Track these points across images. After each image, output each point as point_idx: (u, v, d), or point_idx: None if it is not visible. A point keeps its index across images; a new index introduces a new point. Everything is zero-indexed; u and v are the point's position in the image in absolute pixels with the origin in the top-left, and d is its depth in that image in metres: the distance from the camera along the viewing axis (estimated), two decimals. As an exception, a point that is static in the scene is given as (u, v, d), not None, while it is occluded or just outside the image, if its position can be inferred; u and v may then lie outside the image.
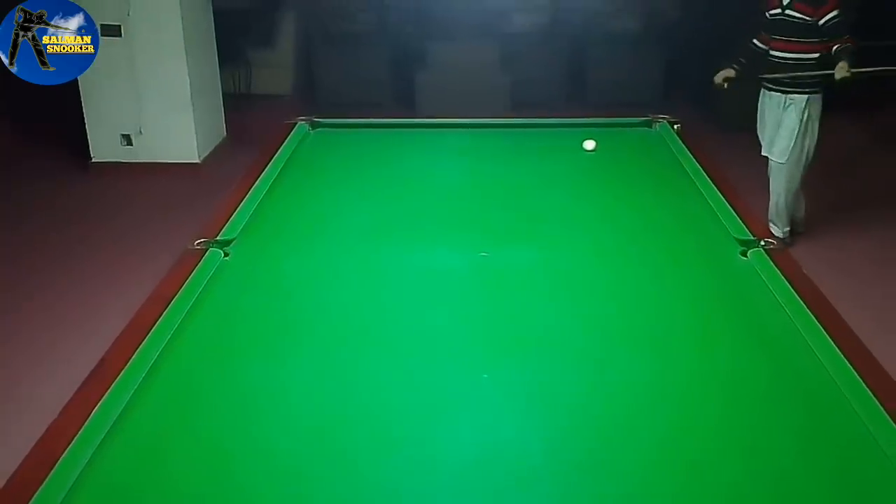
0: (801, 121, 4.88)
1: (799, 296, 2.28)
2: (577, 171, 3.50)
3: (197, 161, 6.76)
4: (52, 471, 1.62)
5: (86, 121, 6.61)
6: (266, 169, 3.35)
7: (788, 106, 4.91)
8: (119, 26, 6.33)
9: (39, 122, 7.55)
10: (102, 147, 6.70)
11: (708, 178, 3.22)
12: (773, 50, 4.94)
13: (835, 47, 4.69)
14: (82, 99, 6.52)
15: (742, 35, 7.73)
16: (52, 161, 6.94)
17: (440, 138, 4.00)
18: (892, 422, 1.75)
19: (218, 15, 7.09)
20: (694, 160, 3.44)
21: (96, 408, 1.81)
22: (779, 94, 4.94)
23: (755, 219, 2.85)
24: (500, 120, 4.35)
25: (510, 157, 3.68)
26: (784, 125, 4.92)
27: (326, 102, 7.93)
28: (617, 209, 3.10)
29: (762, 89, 5.07)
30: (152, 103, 6.57)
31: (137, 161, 6.68)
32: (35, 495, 1.55)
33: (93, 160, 6.71)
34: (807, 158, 4.99)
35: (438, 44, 7.93)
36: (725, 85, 5.09)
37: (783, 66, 4.88)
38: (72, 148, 6.78)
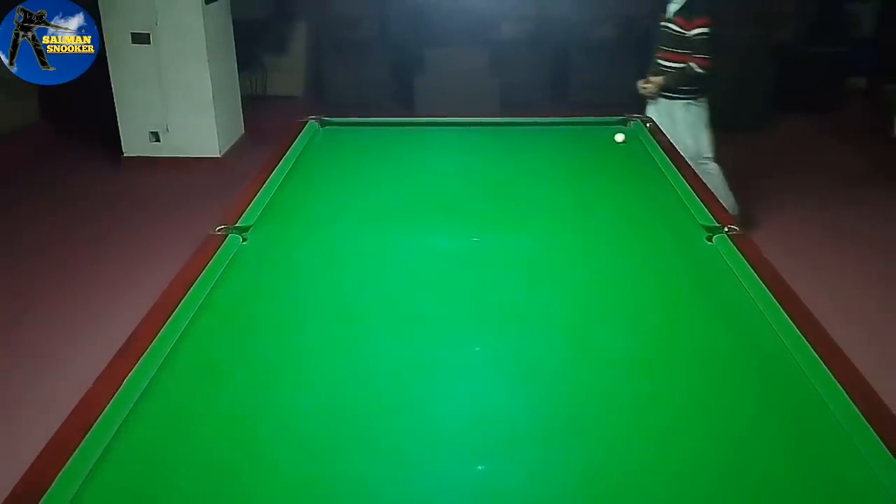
0: (689, 123, 4.83)
1: (758, 276, 2.27)
2: (559, 164, 3.49)
3: (218, 156, 6.76)
4: (87, 435, 1.61)
5: (118, 119, 6.62)
6: (280, 163, 3.33)
7: (675, 111, 4.86)
8: (148, 34, 6.35)
9: (77, 121, 7.54)
10: (133, 143, 6.70)
11: (677, 171, 3.21)
12: (659, 59, 4.87)
13: (689, 63, 4.66)
14: (115, 100, 6.54)
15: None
16: (89, 156, 6.94)
17: (436, 135, 3.97)
18: (840, 387, 1.75)
19: (237, 24, 7.09)
20: (664, 154, 3.43)
21: (127, 377, 1.81)
22: (666, 100, 4.88)
23: (719, 207, 2.84)
24: (491, 119, 4.33)
25: (499, 152, 3.67)
26: (681, 128, 4.84)
27: (334, 103, 7.90)
28: (595, 199, 3.09)
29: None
30: (178, 104, 6.57)
31: (164, 156, 6.68)
32: (71, 458, 1.55)
33: (125, 155, 6.71)
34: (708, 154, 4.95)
35: (435, 50, 7.90)
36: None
37: (665, 73, 4.80)
38: (106, 144, 6.78)
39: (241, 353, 2.02)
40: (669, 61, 4.77)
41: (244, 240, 2.61)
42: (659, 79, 4.76)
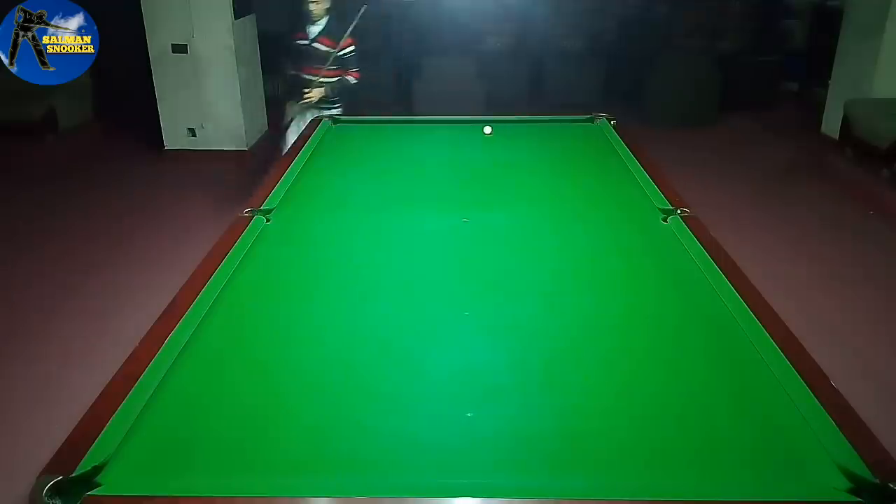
0: None
1: (706, 251, 2.27)
2: (536, 156, 3.47)
3: (245, 149, 6.73)
4: (134, 386, 1.60)
5: (160, 118, 6.60)
6: (298, 155, 3.31)
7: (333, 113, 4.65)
8: (186, 45, 6.33)
9: (125, 119, 7.50)
10: (173, 138, 6.69)
11: (637, 161, 3.20)
12: (312, 75, 4.63)
13: (343, 76, 4.62)
14: (158, 101, 6.52)
15: (661, 51, 7.66)
16: (135, 149, 6.89)
17: (432, 131, 3.95)
18: (772, 341, 1.77)
19: (261, 36, 7.05)
20: (626, 147, 3.41)
21: (169, 337, 1.80)
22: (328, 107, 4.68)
23: (673, 193, 2.83)
24: (478, 117, 4.30)
25: (485, 145, 3.64)
26: None
27: (344, 104, 7.83)
28: (566, 185, 3.08)
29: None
30: (211, 104, 6.54)
31: (199, 149, 6.67)
32: (121, 405, 1.54)
33: (166, 148, 6.69)
34: None
35: (430, 59, 7.85)
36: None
37: (323, 86, 4.63)
38: (150, 139, 6.75)
39: (265, 315, 2.01)
40: (325, 76, 4.62)
41: (268, 220, 2.60)
42: (320, 90, 4.63)
